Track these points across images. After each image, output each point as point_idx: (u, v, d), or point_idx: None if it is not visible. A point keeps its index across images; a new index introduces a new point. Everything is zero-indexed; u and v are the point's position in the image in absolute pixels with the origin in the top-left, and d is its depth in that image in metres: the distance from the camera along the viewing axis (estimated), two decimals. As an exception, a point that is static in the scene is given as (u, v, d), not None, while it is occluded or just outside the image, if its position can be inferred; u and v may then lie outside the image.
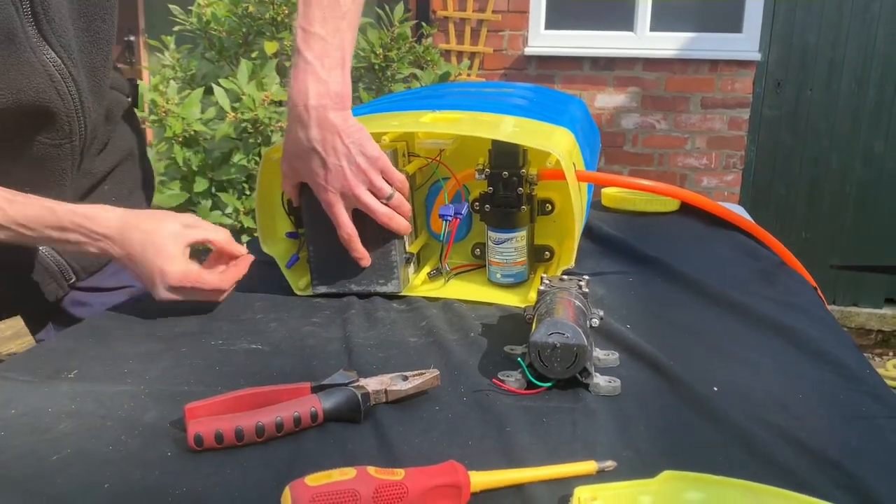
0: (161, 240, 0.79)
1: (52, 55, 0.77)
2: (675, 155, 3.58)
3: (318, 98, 0.79)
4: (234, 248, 0.86)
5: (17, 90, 0.75)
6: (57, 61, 0.77)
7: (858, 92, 3.32)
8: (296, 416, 0.58)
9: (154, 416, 0.62)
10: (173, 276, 0.79)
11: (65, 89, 0.80)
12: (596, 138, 1.27)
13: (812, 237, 3.50)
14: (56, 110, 0.80)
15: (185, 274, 0.80)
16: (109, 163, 0.95)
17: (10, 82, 0.75)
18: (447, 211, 0.88)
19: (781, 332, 0.78)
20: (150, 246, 0.79)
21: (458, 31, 3.54)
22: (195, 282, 0.81)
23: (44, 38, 0.76)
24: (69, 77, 0.79)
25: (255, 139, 2.30)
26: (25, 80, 0.75)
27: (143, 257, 0.79)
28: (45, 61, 0.77)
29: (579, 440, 0.58)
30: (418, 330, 0.80)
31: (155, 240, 0.79)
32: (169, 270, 0.79)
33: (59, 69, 0.78)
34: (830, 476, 0.52)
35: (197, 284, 0.81)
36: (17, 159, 0.82)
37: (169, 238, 0.80)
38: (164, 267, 0.79)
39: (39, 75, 0.77)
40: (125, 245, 0.79)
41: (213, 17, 2.54)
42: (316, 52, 0.79)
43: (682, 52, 3.41)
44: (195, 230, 0.82)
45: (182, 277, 0.80)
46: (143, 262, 0.79)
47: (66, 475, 0.53)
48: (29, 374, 0.70)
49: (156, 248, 0.79)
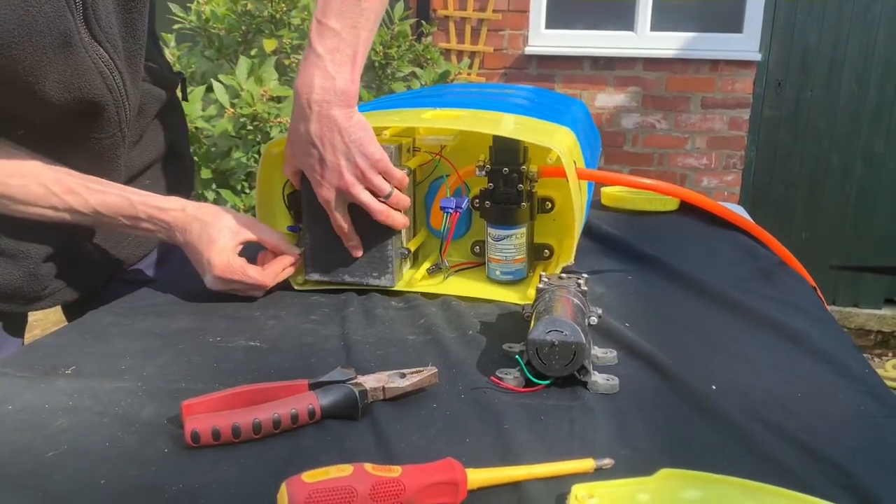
0: (216, 232, 0.84)
1: (101, 52, 0.79)
2: (675, 155, 3.58)
3: (322, 93, 0.78)
4: (284, 248, 0.90)
5: (75, 89, 0.77)
6: (105, 57, 0.79)
7: (859, 92, 3.32)
8: (293, 413, 0.58)
9: (151, 412, 0.62)
10: (218, 267, 0.84)
11: (112, 81, 0.81)
12: (597, 140, 1.27)
13: (812, 237, 3.50)
14: (106, 103, 0.82)
15: (228, 266, 0.84)
16: (147, 157, 0.97)
17: (68, 83, 0.76)
18: (449, 203, 0.88)
19: (780, 330, 0.78)
20: (205, 236, 0.84)
21: (458, 29, 3.54)
22: (238, 274, 0.85)
23: (94, 37, 0.78)
24: (115, 69, 0.81)
25: (254, 136, 2.30)
26: (81, 79, 0.77)
27: (197, 246, 0.85)
28: (96, 59, 0.78)
29: (577, 438, 0.58)
30: (417, 328, 0.80)
31: (210, 231, 0.84)
32: (215, 261, 0.84)
33: (108, 64, 0.80)
34: (828, 475, 0.52)
35: (240, 277, 0.85)
36: (77, 155, 0.85)
37: (224, 231, 0.85)
38: (212, 258, 0.84)
39: (92, 73, 0.78)
40: (185, 233, 0.85)
41: (213, 15, 2.54)
42: (328, 46, 0.78)
43: (683, 51, 3.41)
44: (248, 229, 0.87)
45: (225, 269, 0.84)
46: (197, 250, 0.85)
47: (63, 471, 0.53)
48: (26, 370, 0.70)
49: (209, 239, 0.84)
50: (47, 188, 0.81)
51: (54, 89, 0.75)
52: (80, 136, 0.85)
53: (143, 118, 0.95)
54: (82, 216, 0.84)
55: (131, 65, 0.84)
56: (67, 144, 0.84)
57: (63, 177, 0.82)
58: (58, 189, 0.81)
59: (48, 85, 0.75)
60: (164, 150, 1.01)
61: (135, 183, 0.95)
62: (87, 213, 0.83)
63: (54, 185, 0.81)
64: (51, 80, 0.75)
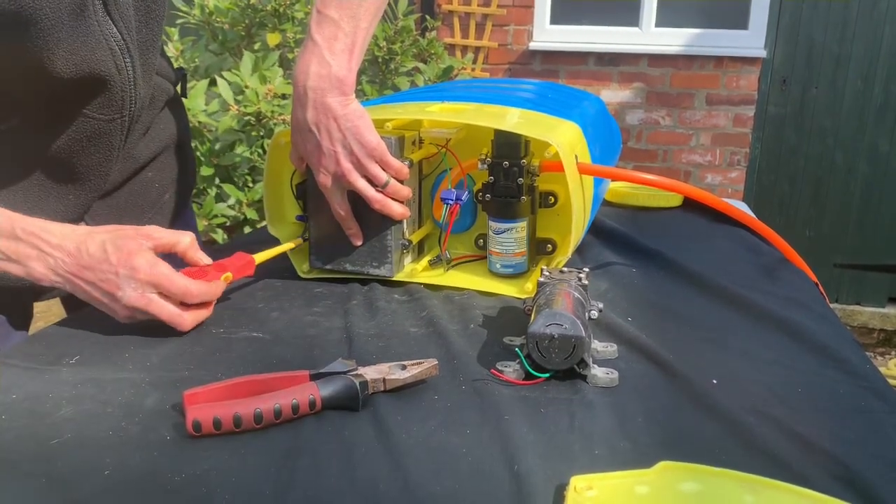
0: (124, 240, 0.73)
1: (113, 30, 0.78)
2: (680, 151, 3.57)
3: (317, 80, 0.80)
4: (196, 255, 0.79)
5: (81, 61, 0.76)
6: (117, 36, 0.79)
7: (864, 90, 3.31)
8: (294, 403, 0.58)
9: (154, 402, 0.62)
10: (143, 269, 0.72)
11: (122, 64, 0.81)
12: (612, 136, 1.25)
13: (816, 235, 3.49)
14: (112, 84, 0.81)
15: (153, 265, 0.72)
16: (152, 149, 0.97)
17: (76, 53, 0.76)
18: (449, 195, 0.89)
19: (782, 326, 0.78)
20: (112, 245, 0.72)
21: (462, 25, 3.53)
22: (165, 279, 0.73)
23: (108, 13, 0.77)
24: (126, 52, 0.81)
25: (258, 132, 2.30)
26: (90, 52, 0.77)
27: (102, 261, 0.72)
28: (107, 35, 0.78)
29: (577, 430, 0.58)
30: (419, 320, 0.80)
31: (117, 240, 0.73)
32: (137, 264, 0.72)
33: (119, 44, 0.79)
34: (828, 468, 0.53)
35: (165, 282, 0.73)
36: (70, 133, 0.82)
37: (134, 237, 0.74)
38: (131, 261, 0.72)
39: (102, 49, 0.78)
40: (81, 256, 0.72)
41: (216, 9, 2.54)
42: (325, 34, 0.80)
43: (688, 48, 3.40)
44: (159, 233, 0.76)
45: (150, 270, 0.72)
46: (102, 267, 0.72)
47: (67, 459, 0.54)
48: (30, 360, 0.70)
49: (118, 247, 0.72)
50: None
51: (62, 60, 0.75)
52: (76, 114, 0.81)
53: (152, 111, 0.95)
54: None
55: (144, 55, 0.84)
56: (58, 121, 0.81)
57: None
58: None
59: (58, 55, 0.74)
60: (167, 144, 1.02)
61: (138, 176, 0.96)
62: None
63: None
64: (62, 49, 0.74)
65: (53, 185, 0.84)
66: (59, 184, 0.84)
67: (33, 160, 0.82)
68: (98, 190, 0.87)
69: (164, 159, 1.00)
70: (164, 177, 1.00)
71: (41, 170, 0.83)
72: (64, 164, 0.83)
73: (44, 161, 0.82)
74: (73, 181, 0.85)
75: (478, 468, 0.53)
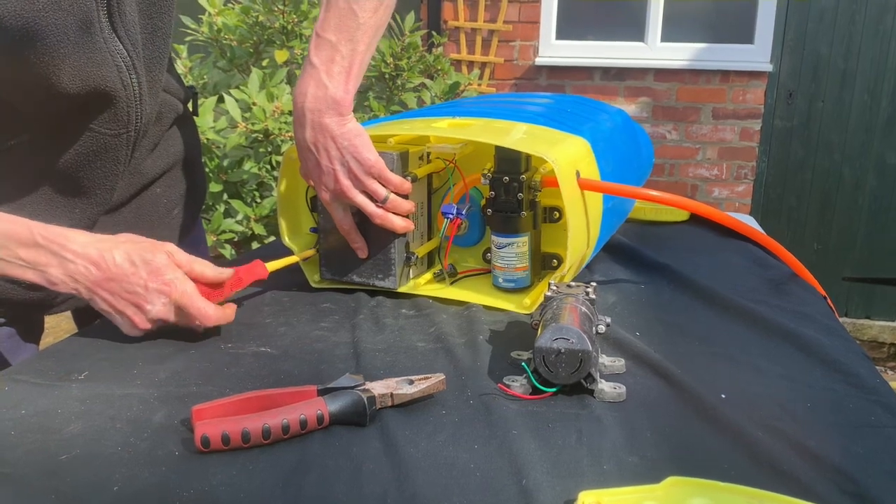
0: (150, 254, 0.75)
1: (119, 47, 0.79)
2: (686, 165, 3.57)
3: (314, 101, 0.83)
4: (218, 274, 0.80)
5: (87, 77, 0.78)
6: (123, 53, 0.80)
7: (871, 103, 3.30)
8: (302, 418, 0.58)
9: (163, 417, 0.62)
10: (175, 287, 0.75)
11: (128, 80, 0.82)
12: (639, 150, 1.22)
13: (824, 249, 3.47)
14: (118, 99, 0.82)
15: (183, 283, 0.75)
16: (161, 165, 0.98)
17: (82, 69, 0.77)
18: (449, 209, 0.91)
19: (790, 340, 0.78)
20: (139, 257, 0.74)
21: (469, 40, 3.56)
22: (188, 298, 0.75)
23: (114, 30, 0.79)
24: (132, 68, 0.82)
25: (265, 148, 2.31)
26: (96, 68, 0.78)
27: (131, 273, 0.73)
28: (113, 52, 0.79)
29: (585, 445, 0.58)
30: (426, 335, 0.80)
31: (144, 252, 0.75)
32: (169, 279, 0.75)
33: (125, 60, 0.80)
34: (837, 483, 0.52)
35: (188, 302, 0.75)
36: (76, 147, 0.83)
37: (161, 252, 0.76)
38: (162, 276, 0.74)
39: (108, 65, 0.79)
40: (107, 266, 0.73)
41: (224, 27, 2.57)
42: (323, 57, 0.83)
43: (694, 62, 3.41)
44: (181, 253, 0.78)
45: (181, 288, 0.75)
46: (127, 278, 0.73)
47: (76, 474, 0.54)
48: (39, 376, 0.71)
49: (144, 260, 0.74)
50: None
51: (68, 76, 0.75)
52: (82, 129, 0.82)
53: (160, 127, 0.96)
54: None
55: (150, 72, 0.85)
56: (64, 136, 0.82)
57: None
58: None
59: (64, 71, 0.75)
60: (176, 161, 1.03)
61: (147, 191, 0.96)
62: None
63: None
64: (67, 65, 0.75)
65: (60, 199, 0.85)
66: (65, 197, 0.85)
67: (41, 174, 0.83)
68: (104, 204, 0.88)
69: (172, 175, 1.01)
70: (172, 193, 1.01)
71: (48, 184, 0.84)
72: (70, 178, 0.84)
73: (51, 175, 0.83)
74: (79, 195, 0.85)
75: (486, 483, 0.53)
